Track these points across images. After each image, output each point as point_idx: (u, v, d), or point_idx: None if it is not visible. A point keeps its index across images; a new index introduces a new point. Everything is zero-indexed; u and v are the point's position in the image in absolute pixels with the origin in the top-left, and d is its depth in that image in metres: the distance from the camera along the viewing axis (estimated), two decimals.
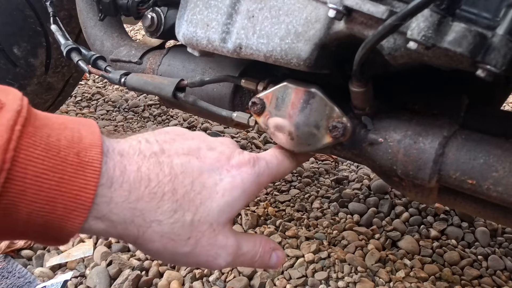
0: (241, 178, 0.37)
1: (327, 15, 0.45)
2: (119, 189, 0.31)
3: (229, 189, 0.36)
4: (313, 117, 0.50)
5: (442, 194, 0.57)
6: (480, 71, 0.36)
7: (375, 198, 1.23)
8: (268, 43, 0.50)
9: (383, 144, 0.52)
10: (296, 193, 1.24)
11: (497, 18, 0.37)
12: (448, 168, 0.48)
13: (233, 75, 0.65)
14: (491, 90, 0.63)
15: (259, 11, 0.51)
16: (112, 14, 0.82)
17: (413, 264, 0.98)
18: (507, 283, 0.96)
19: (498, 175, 0.45)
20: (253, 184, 0.38)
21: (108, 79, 0.71)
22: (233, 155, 0.39)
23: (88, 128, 0.32)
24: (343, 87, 0.51)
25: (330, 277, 0.93)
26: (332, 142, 0.51)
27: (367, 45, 0.40)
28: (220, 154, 0.38)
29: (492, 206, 0.53)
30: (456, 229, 1.11)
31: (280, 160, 0.45)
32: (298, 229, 1.07)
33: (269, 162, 0.42)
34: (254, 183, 0.38)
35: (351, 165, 1.47)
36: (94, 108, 1.81)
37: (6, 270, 0.90)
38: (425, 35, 0.36)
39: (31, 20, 1.14)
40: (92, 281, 0.88)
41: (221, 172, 0.37)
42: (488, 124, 0.52)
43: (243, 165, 0.38)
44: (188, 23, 0.57)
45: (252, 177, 0.38)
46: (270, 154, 0.44)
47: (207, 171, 0.36)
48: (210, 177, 0.36)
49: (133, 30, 3.05)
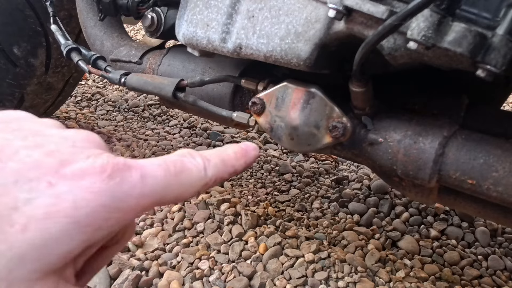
0: (73, 199, 0.21)
1: (327, 15, 0.45)
2: None
3: (42, 217, 0.20)
4: (313, 117, 0.50)
5: (442, 194, 0.57)
6: (480, 71, 0.36)
7: (375, 198, 1.22)
8: (268, 43, 0.50)
9: (383, 144, 0.52)
10: (296, 193, 1.24)
11: (497, 18, 0.37)
12: (448, 168, 0.48)
13: (233, 75, 0.65)
14: (491, 90, 0.63)
15: (259, 11, 0.51)
16: (112, 14, 0.82)
17: (413, 264, 0.98)
18: (507, 283, 0.95)
19: (498, 175, 0.45)
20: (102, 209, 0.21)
21: (108, 79, 0.71)
22: (75, 159, 0.22)
23: None
24: (343, 87, 0.51)
25: (330, 277, 0.93)
26: (332, 142, 0.51)
27: (367, 45, 0.40)
28: (48, 155, 0.22)
29: (492, 206, 0.53)
30: (456, 229, 1.11)
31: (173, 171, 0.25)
32: (298, 229, 1.07)
33: (148, 175, 0.24)
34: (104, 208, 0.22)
35: (351, 165, 1.47)
36: (94, 108, 1.81)
37: None
38: (425, 35, 0.36)
39: (31, 20, 1.14)
40: (92, 281, 0.88)
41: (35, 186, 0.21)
42: (488, 124, 0.52)
43: (87, 175, 0.22)
44: (188, 23, 0.57)
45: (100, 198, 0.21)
46: (158, 163, 0.25)
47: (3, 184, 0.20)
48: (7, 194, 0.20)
49: (133, 30, 3.05)
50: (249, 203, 1.16)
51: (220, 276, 0.91)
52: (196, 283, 0.89)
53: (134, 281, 0.87)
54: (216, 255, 0.96)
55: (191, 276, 0.90)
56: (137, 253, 0.97)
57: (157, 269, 0.92)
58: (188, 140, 1.58)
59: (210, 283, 0.90)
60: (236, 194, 1.19)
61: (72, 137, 0.24)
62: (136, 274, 0.88)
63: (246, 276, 0.91)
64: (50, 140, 0.23)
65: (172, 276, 0.90)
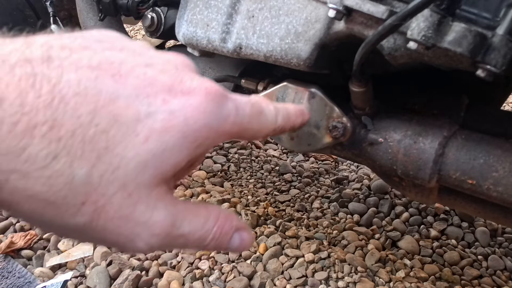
0: (184, 116, 0.23)
1: (327, 15, 0.45)
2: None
3: (160, 130, 0.22)
4: (313, 117, 0.50)
5: (442, 194, 0.57)
6: (480, 71, 0.36)
7: (375, 198, 1.23)
8: (268, 43, 0.50)
9: (383, 144, 0.52)
10: (296, 193, 1.24)
11: (497, 18, 0.37)
12: (448, 168, 0.48)
13: (233, 75, 0.65)
14: (491, 90, 0.63)
15: (259, 11, 0.51)
16: (112, 14, 0.82)
17: (413, 264, 0.98)
18: (507, 283, 0.96)
19: (498, 175, 0.45)
20: (205, 129, 0.24)
21: None
22: (182, 78, 0.24)
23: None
24: (343, 87, 0.51)
25: (330, 277, 0.93)
26: (332, 142, 0.51)
27: (367, 45, 0.40)
28: (160, 73, 0.24)
29: (492, 206, 0.53)
30: (456, 229, 1.11)
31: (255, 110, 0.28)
32: (298, 229, 1.07)
33: (240, 107, 0.26)
34: (206, 127, 0.24)
35: (351, 165, 1.47)
36: None
37: (6, 270, 0.90)
38: (425, 35, 0.36)
39: (31, 20, 1.14)
40: (92, 281, 0.88)
41: (153, 101, 0.23)
42: (488, 124, 0.52)
43: (194, 95, 0.24)
44: (188, 23, 0.57)
45: (206, 118, 0.24)
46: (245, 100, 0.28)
47: (125, 97, 0.22)
48: (130, 107, 0.22)
49: (133, 30, 3.05)
50: (249, 203, 1.16)
51: (220, 276, 0.91)
52: (196, 283, 0.89)
53: (134, 281, 0.87)
54: (216, 255, 0.96)
55: (191, 276, 0.90)
56: None
57: (157, 269, 0.92)
58: None
59: (210, 283, 0.90)
60: (236, 194, 1.19)
61: (174, 60, 0.26)
62: (136, 274, 0.88)
63: (246, 276, 0.91)
64: (156, 61, 0.25)
65: (172, 276, 0.90)
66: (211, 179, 1.27)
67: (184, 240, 0.26)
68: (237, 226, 0.29)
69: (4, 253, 0.94)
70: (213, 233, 0.27)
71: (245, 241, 0.29)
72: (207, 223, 0.27)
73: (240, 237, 0.29)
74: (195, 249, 0.28)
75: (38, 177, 0.20)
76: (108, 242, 0.24)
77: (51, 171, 0.20)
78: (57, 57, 0.21)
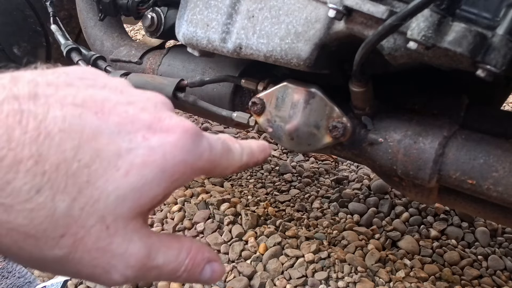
0: (163, 152, 0.24)
1: (327, 15, 0.45)
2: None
3: (140, 165, 0.24)
4: (313, 117, 0.50)
5: (442, 194, 0.57)
6: (480, 71, 0.36)
7: (375, 198, 1.22)
8: (268, 43, 0.50)
9: (383, 144, 0.52)
10: (296, 193, 1.24)
11: (497, 18, 0.37)
12: (448, 168, 0.48)
13: (233, 75, 0.65)
14: (491, 90, 0.63)
15: (259, 11, 0.51)
16: (112, 14, 0.82)
17: (413, 264, 0.98)
18: (507, 283, 0.95)
19: (498, 175, 0.45)
20: (182, 164, 0.25)
21: None
22: (161, 117, 0.26)
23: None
24: (343, 87, 0.51)
25: (330, 277, 0.93)
26: (332, 142, 0.51)
27: (367, 45, 0.40)
28: (140, 111, 0.25)
29: (492, 206, 0.53)
30: (456, 229, 1.11)
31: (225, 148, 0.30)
32: (298, 229, 1.07)
33: (212, 145, 0.28)
34: (183, 163, 0.25)
35: (351, 165, 1.47)
36: None
37: (6, 270, 0.90)
38: (425, 35, 0.36)
39: (31, 20, 1.14)
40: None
41: (133, 138, 0.24)
42: (488, 124, 0.52)
43: (172, 132, 0.25)
44: (188, 23, 0.57)
45: (183, 154, 0.25)
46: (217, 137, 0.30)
47: (108, 133, 0.24)
48: (112, 143, 0.23)
49: (133, 30, 3.05)
50: (249, 203, 1.16)
51: None
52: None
53: None
54: None
55: None
56: None
57: None
58: None
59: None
60: (236, 194, 1.19)
61: (154, 98, 0.28)
62: None
63: (246, 276, 0.91)
64: (136, 99, 0.27)
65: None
66: (211, 179, 1.27)
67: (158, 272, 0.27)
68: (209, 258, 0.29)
69: None
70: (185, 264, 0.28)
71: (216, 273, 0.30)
72: (180, 254, 0.28)
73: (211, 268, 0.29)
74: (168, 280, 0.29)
75: (21, 210, 0.21)
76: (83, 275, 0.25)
77: (34, 204, 0.21)
78: (43, 94, 0.23)
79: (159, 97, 0.28)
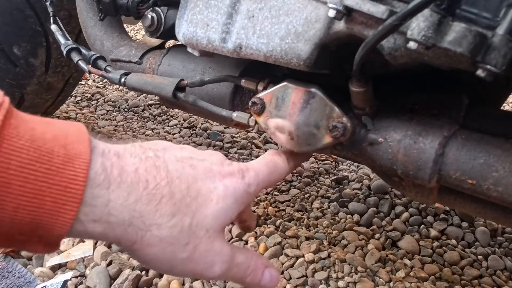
0: (233, 187, 0.38)
1: (327, 15, 0.45)
2: (117, 190, 0.31)
3: (223, 196, 0.37)
4: (313, 117, 0.50)
5: (442, 194, 0.57)
6: (480, 71, 0.36)
7: (375, 198, 1.22)
8: (268, 43, 0.50)
9: (383, 144, 0.52)
10: (296, 193, 1.24)
11: (497, 18, 0.37)
12: (448, 168, 0.48)
13: (233, 75, 0.65)
14: (491, 90, 0.63)
15: (259, 11, 0.51)
16: (112, 14, 0.82)
17: (413, 264, 0.98)
18: (507, 283, 0.95)
19: (498, 175, 0.45)
20: (244, 193, 0.39)
21: (108, 79, 0.71)
22: (223, 166, 0.39)
23: (74, 125, 0.31)
24: (343, 87, 0.51)
25: (330, 277, 0.93)
26: (332, 142, 0.51)
27: (367, 45, 0.40)
28: (211, 164, 0.39)
29: (492, 206, 0.53)
30: (456, 229, 1.11)
31: (270, 167, 0.44)
32: (298, 229, 1.07)
33: (259, 172, 0.41)
34: (245, 192, 0.39)
35: (351, 165, 1.47)
36: (94, 108, 1.81)
37: (6, 270, 0.90)
38: (425, 35, 0.36)
39: (31, 20, 1.14)
40: (92, 281, 0.88)
41: (214, 180, 0.37)
42: (488, 124, 0.52)
43: (233, 175, 0.39)
44: (188, 23, 0.57)
45: (243, 187, 0.39)
46: (261, 163, 0.44)
47: (200, 179, 0.37)
48: (204, 184, 0.37)
49: (133, 30, 3.05)
50: None
51: None
52: (196, 283, 0.89)
53: (134, 281, 0.87)
54: None
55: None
56: None
57: None
58: (188, 140, 1.58)
59: (210, 283, 0.90)
60: None
61: (212, 153, 0.42)
62: (136, 274, 0.88)
63: None
64: (204, 156, 0.40)
65: (172, 276, 0.90)
66: None
67: (236, 270, 0.38)
68: (266, 264, 0.41)
69: (4, 253, 0.94)
70: (251, 266, 0.39)
71: (274, 277, 0.41)
72: (247, 258, 0.39)
73: (270, 273, 0.41)
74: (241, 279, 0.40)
75: (166, 227, 0.33)
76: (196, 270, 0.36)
77: (172, 223, 0.33)
78: (161, 156, 0.36)
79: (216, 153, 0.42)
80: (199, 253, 0.35)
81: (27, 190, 0.26)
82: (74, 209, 0.28)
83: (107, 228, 0.31)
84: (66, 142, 0.29)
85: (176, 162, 0.36)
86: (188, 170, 0.36)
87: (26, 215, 0.26)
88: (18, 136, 0.26)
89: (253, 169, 0.41)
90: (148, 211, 0.32)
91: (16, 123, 0.27)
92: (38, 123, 0.29)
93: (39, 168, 0.27)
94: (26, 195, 0.26)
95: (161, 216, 0.33)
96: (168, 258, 0.34)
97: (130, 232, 0.32)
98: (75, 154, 0.29)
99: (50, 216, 0.27)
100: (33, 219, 0.27)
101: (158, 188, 0.33)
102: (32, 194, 0.26)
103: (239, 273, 0.39)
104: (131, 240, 0.32)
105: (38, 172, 0.27)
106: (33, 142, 0.27)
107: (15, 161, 0.26)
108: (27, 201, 0.26)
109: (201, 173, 0.37)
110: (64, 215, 0.28)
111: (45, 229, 0.28)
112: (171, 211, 0.33)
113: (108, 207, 0.30)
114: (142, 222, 0.32)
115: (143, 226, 0.32)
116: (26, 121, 0.28)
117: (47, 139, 0.28)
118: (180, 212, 0.34)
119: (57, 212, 0.27)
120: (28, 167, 0.26)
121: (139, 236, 0.32)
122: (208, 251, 0.35)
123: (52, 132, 0.29)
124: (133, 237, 0.32)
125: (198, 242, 0.35)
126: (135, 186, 0.32)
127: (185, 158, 0.37)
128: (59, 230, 0.28)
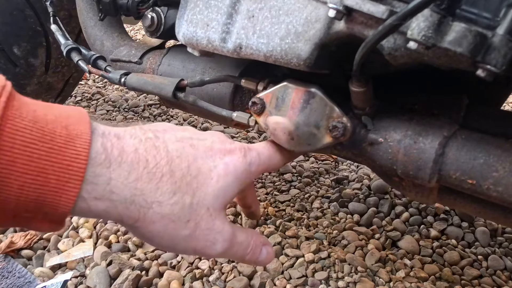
0: (233, 165, 0.39)
1: (327, 15, 0.45)
2: (117, 169, 0.32)
3: (223, 175, 0.37)
4: (313, 117, 0.50)
5: (442, 194, 0.57)
6: (480, 71, 0.36)
7: (375, 198, 1.22)
8: (268, 43, 0.50)
9: (383, 144, 0.52)
10: (296, 193, 1.24)
11: (497, 18, 0.37)
12: (448, 168, 0.48)
13: (233, 75, 0.65)
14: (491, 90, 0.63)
15: (259, 11, 0.51)
16: (112, 14, 0.82)
17: (413, 264, 0.98)
18: (507, 283, 0.95)
19: (498, 175, 0.45)
20: (245, 172, 0.40)
21: (108, 79, 0.71)
22: (225, 145, 0.40)
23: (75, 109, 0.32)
24: (343, 87, 0.51)
25: (330, 277, 0.93)
26: (332, 142, 0.51)
27: (367, 45, 0.40)
28: (212, 143, 0.40)
29: (492, 206, 0.53)
30: (456, 229, 1.11)
31: (271, 152, 0.46)
32: (298, 229, 1.07)
33: (261, 153, 0.43)
34: (245, 171, 0.40)
35: (351, 165, 1.47)
36: (94, 108, 1.81)
37: (6, 270, 0.90)
38: (425, 35, 0.36)
39: (31, 20, 1.14)
40: (92, 281, 0.88)
41: (215, 159, 0.38)
42: (488, 124, 0.52)
43: (234, 153, 0.40)
44: (188, 23, 0.57)
45: (244, 165, 0.40)
46: (262, 146, 0.45)
47: (201, 157, 0.37)
48: (205, 163, 0.37)
49: (133, 30, 3.05)
50: None
51: (220, 276, 0.91)
52: (196, 283, 0.89)
53: (134, 281, 0.87)
54: None
55: (191, 276, 0.90)
56: (137, 253, 0.97)
57: (157, 269, 0.92)
58: None
59: (210, 283, 0.90)
60: None
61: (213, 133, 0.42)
62: (136, 274, 0.88)
63: (246, 276, 0.91)
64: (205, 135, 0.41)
65: (172, 276, 0.90)
66: None
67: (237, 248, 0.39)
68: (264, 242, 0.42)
69: (4, 253, 0.94)
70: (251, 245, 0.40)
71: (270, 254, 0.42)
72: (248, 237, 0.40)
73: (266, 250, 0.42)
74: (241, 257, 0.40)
75: (167, 204, 0.34)
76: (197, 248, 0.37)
77: (173, 201, 0.34)
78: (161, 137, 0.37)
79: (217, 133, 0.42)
80: (200, 230, 0.36)
81: (31, 168, 0.27)
82: (77, 187, 0.29)
83: (109, 206, 0.32)
84: (67, 123, 0.30)
85: (176, 142, 0.37)
86: (188, 149, 0.37)
87: (31, 192, 0.28)
88: (21, 117, 0.27)
89: (255, 149, 0.42)
90: (149, 189, 0.33)
91: (19, 105, 0.28)
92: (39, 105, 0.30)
93: (41, 147, 0.28)
94: (31, 173, 0.27)
95: (162, 194, 0.34)
96: (170, 235, 0.35)
97: (132, 210, 0.33)
98: (76, 134, 0.30)
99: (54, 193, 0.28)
100: (38, 196, 0.28)
101: (158, 167, 0.34)
102: (36, 172, 0.27)
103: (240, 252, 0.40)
104: (134, 218, 0.33)
105: (41, 151, 0.28)
106: (36, 123, 0.28)
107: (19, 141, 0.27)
108: (32, 179, 0.27)
109: (202, 152, 0.38)
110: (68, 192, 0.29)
111: (50, 206, 0.29)
112: (172, 189, 0.34)
113: (109, 185, 0.31)
114: (143, 199, 0.33)
115: (144, 203, 0.33)
116: (28, 103, 0.29)
117: (49, 120, 0.29)
118: (181, 190, 0.34)
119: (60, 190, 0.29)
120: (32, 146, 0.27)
121: (141, 213, 0.33)
122: (210, 229, 0.36)
123: (54, 114, 0.30)
124: (135, 214, 0.33)
125: (199, 220, 0.35)
126: (135, 166, 0.33)
127: (185, 138, 0.38)
128: (64, 207, 0.29)
